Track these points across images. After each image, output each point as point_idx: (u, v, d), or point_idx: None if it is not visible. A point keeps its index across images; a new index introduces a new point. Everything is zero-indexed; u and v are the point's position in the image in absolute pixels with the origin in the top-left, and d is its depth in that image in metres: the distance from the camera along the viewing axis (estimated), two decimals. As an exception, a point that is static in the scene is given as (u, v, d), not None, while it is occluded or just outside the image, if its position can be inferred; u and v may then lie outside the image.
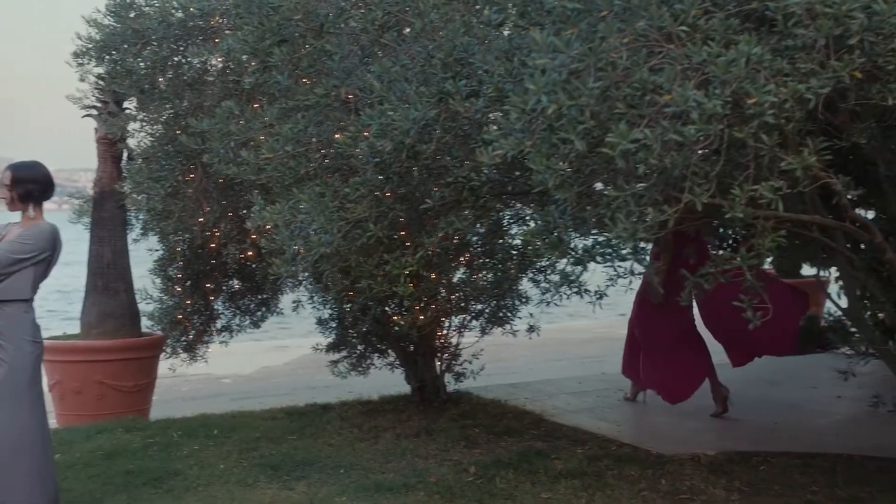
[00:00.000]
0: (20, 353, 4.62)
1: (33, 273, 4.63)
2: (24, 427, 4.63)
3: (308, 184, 4.27)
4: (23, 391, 4.63)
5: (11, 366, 4.60)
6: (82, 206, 8.82)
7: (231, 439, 6.73)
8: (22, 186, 4.68)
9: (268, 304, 8.78)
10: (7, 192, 4.69)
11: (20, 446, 4.60)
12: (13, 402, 4.61)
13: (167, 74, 6.41)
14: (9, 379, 4.59)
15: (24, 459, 4.60)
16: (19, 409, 4.62)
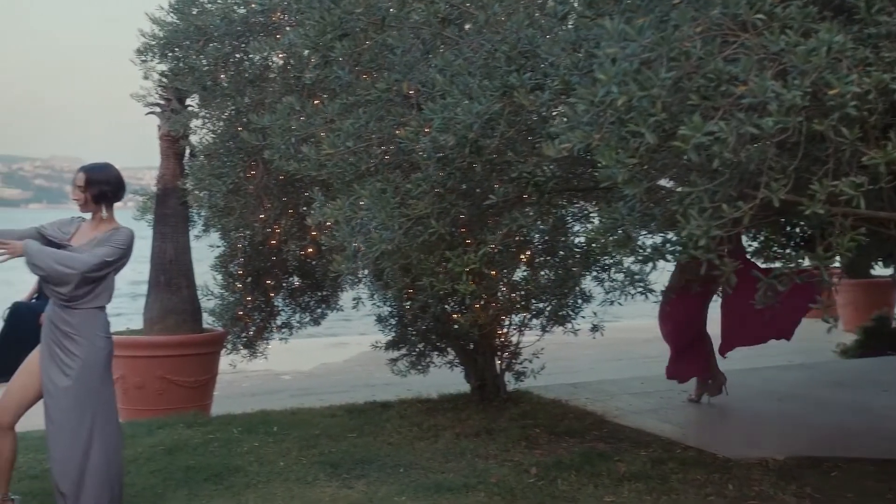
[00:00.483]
0: (93, 348, 4.66)
1: (113, 277, 4.73)
2: (95, 421, 4.66)
3: (369, 180, 4.21)
4: (96, 386, 4.67)
5: (85, 361, 4.64)
6: (146, 203, 8.90)
7: (291, 436, 6.73)
8: (95, 188, 4.72)
9: (327, 302, 8.79)
10: (80, 194, 4.74)
11: (92, 440, 4.63)
12: (87, 396, 4.65)
13: (229, 71, 6.42)
14: (83, 374, 4.63)
15: (95, 453, 4.63)
16: (93, 404, 4.66)
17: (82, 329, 4.64)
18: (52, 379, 4.63)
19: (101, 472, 4.66)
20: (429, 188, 4.03)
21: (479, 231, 4.54)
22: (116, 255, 4.64)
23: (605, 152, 3.01)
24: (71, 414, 4.61)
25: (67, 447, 4.60)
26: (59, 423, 4.61)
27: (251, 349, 8.53)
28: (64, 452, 4.60)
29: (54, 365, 4.64)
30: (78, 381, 4.62)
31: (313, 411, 7.73)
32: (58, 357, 4.63)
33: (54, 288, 4.57)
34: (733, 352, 8.02)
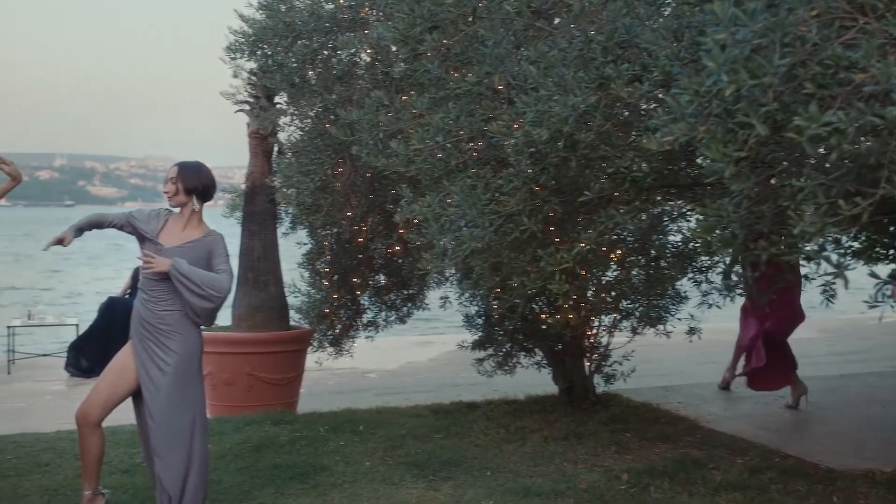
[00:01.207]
0: (189, 342, 4.69)
1: None
2: (190, 414, 4.67)
3: (459, 176, 4.10)
4: (192, 379, 4.69)
5: (181, 355, 4.66)
6: (234, 201, 8.98)
7: (376, 436, 6.67)
8: (188, 180, 4.77)
9: (414, 300, 8.71)
10: (171, 185, 4.77)
11: (194, 437, 4.64)
12: (186, 391, 4.66)
13: (317, 68, 6.39)
14: (180, 367, 4.65)
15: (196, 450, 4.64)
16: (192, 399, 4.67)
17: (177, 325, 4.66)
18: (150, 377, 4.64)
19: (202, 469, 4.67)
20: (520, 184, 3.89)
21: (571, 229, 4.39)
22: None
23: (711, 145, 2.83)
24: (173, 411, 4.62)
25: (172, 446, 4.62)
26: (160, 421, 4.63)
27: (337, 347, 8.51)
28: (168, 451, 4.62)
29: (151, 363, 4.65)
30: (175, 377, 4.64)
31: (399, 411, 7.67)
32: (155, 354, 4.65)
33: (197, 307, 4.59)
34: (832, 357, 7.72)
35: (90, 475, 4.79)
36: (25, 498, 5.27)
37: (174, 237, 4.77)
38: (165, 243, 4.74)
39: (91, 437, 4.74)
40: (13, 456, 6.10)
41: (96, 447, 4.76)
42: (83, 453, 4.77)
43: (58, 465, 5.90)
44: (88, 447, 4.75)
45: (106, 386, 4.74)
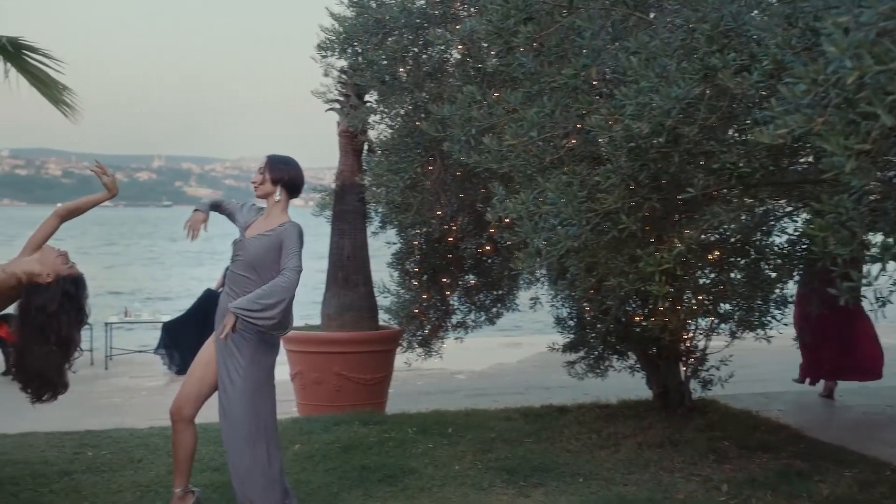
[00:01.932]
0: (261, 345, 4.63)
1: None
2: (260, 416, 4.63)
3: (554, 172, 3.95)
4: (263, 383, 4.65)
5: (253, 358, 4.61)
6: (324, 200, 8.98)
7: (465, 439, 6.55)
8: (277, 172, 4.73)
9: (503, 301, 8.58)
10: (259, 175, 4.74)
11: (253, 435, 4.60)
12: (255, 392, 4.62)
13: (407, 65, 6.30)
14: (251, 370, 4.61)
15: (251, 448, 4.59)
16: (259, 400, 4.63)
17: (251, 326, 4.61)
18: (227, 375, 4.63)
19: (269, 472, 4.61)
20: (618, 181, 3.72)
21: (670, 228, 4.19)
22: (301, 259, 4.58)
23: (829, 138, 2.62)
24: (243, 413, 4.59)
25: (238, 446, 4.59)
26: (230, 420, 4.61)
27: (426, 348, 8.42)
28: (234, 450, 4.60)
29: (228, 361, 4.63)
30: (246, 380, 4.60)
31: (488, 413, 7.54)
32: (231, 353, 4.63)
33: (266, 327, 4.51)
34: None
35: (181, 472, 4.80)
36: (118, 494, 5.31)
37: (255, 230, 4.73)
38: (248, 236, 4.72)
39: (184, 433, 4.75)
40: (108, 451, 6.18)
41: (188, 444, 4.77)
42: (175, 450, 4.78)
43: (150, 461, 5.94)
44: (181, 443, 4.76)
45: (195, 380, 4.74)
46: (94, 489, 5.37)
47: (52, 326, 4.35)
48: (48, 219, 4.58)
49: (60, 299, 4.36)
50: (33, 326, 4.33)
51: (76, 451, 6.15)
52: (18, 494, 5.27)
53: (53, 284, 4.36)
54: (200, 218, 4.76)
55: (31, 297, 4.34)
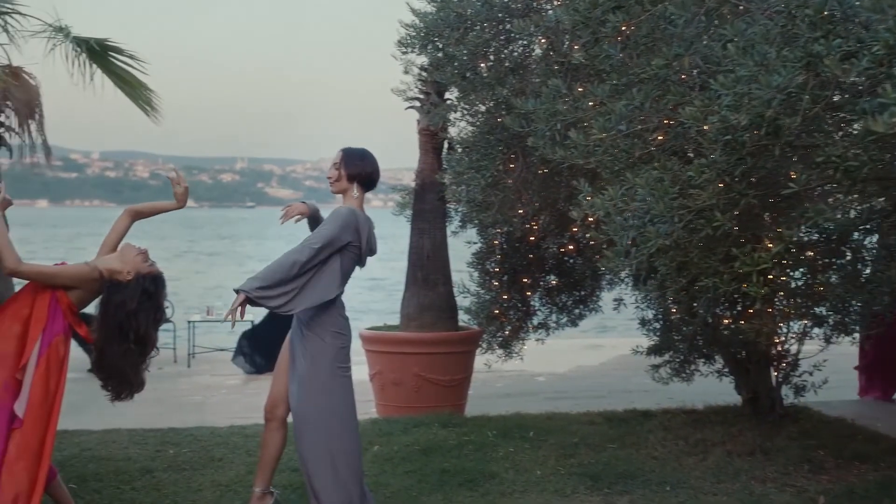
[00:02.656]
0: (322, 344, 4.54)
1: (340, 266, 4.52)
2: (322, 417, 4.54)
3: (643, 167, 3.77)
4: (325, 382, 4.55)
5: (314, 357, 4.53)
6: (404, 199, 8.90)
7: (547, 443, 6.39)
8: (352, 167, 4.64)
9: (585, 302, 8.39)
10: (335, 171, 4.67)
11: (323, 437, 4.52)
12: (318, 392, 4.54)
13: (489, 60, 6.17)
14: (312, 370, 4.53)
15: (327, 449, 4.51)
16: (322, 399, 4.54)
17: (312, 324, 4.54)
18: (295, 371, 4.57)
19: (338, 471, 4.52)
20: (713, 176, 3.53)
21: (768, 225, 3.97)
22: (324, 240, 4.42)
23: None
24: (305, 411, 4.52)
25: (303, 443, 4.52)
26: (298, 417, 4.55)
27: (506, 349, 8.28)
28: (300, 447, 4.54)
29: (294, 359, 4.58)
30: (307, 379, 4.53)
31: (570, 417, 7.37)
32: (297, 352, 4.57)
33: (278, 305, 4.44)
34: None
35: (264, 473, 4.75)
36: (198, 493, 5.30)
37: None
38: None
39: (276, 433, 4.70)
40: (189, 449, 6.19)
41: (277, 445, 4.72)
42: (263, 449, 4.74)
43: (230, 460, 5.93)
44: (270, 443, 4.71)
45: (281, 381, 4.69)
46: (175, 487, 5.38)
47: (131, 324, 4.33)
48: (120, 219, 4.58)
49: (139, 298, 4.35)
50: (112, 324, 4.33)
51: (158, 449, 6.18)
52: (101, 491, 5.30)
53: (133, 282, 4.35)
54: (300, 208, 4.75)
55: (110, 295, 4.34)
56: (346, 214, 4.51)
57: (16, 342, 4.13)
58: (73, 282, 4.27)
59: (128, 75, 7.61)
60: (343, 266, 4.51)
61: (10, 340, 4.12)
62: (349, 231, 4.48)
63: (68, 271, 4.30)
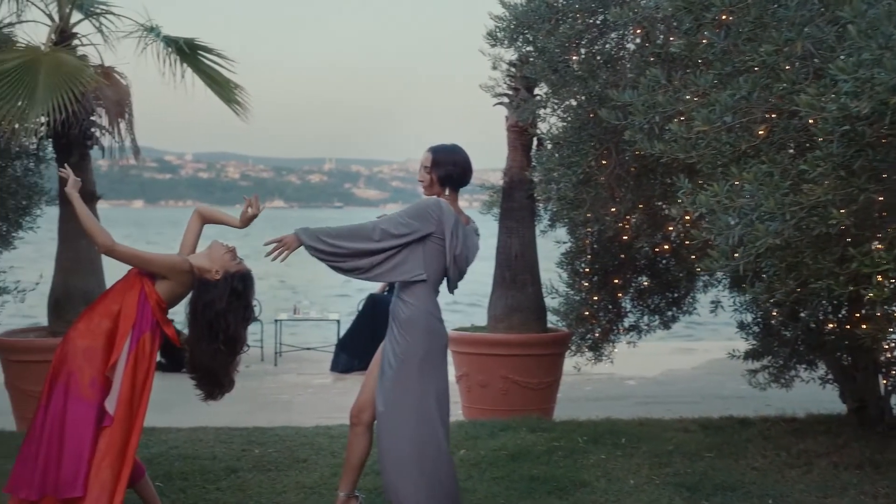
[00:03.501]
0: (412, 344, 4.40)
1: (422, 252, 4.37)
2: (406, 420, 4.40)
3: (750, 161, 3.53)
4: (413, 385, 4.40)
5: (404, 357, 4.40)
6: (492, 198, 8.75)
7: (640, 450, 6.14)
8: (441, 168, 4.47)
9: (679, 304, 8.09)
10: (426, 175, 4.51)
11: (407, 440, 4.37)
12: (403, 394, 4.40)
13: (580, 53, 5.96)
14: (402, 370, 4.39)
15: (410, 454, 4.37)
16: (409, 402, 4.40)
17: (406, 324, 4.40)
18: (383, 370, 4.44)
19: (422, 475, 4.36)
20: (829, 169, 3.27)
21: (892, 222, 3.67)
22: (403, 229, 4.30)
23: None
24: (389, 413, 4.39)
25: (387, 445, 4.39)
26: (382, 418, 4.42)
27: (596, 352, 8.04)
28: (385, 451, 4.40)
29: (384, 360, 4.45)
30: (394, 380, 4.39)
31: (663, 423, 7.09)
32: (386, 354, 4.44)
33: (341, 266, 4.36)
34: None
35: (349, 476, 4.64)
36: (282, 494, 5.22)
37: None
38: None
39: (361, 437, 4.58)
40: (274, 449, 6.13)
41: (362, 449, 4.59)
42: (349, 452, 4.63)
43: (315, 462, 5.85)
44: (355, 447, 4.59)
45: (371, 385, 4.58)
46: (259, 488, 5.31)
47: (220, 324, 4.27)
48: (192, 220, 4.51)
49: (228, 297, 4.28)
50: (202, 324, 4.27)
51: (244, 448, 6.14)
52: (187, 490, 5.26)
53: (221, 281, 4.28)
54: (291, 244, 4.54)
55: (199, 294, 4.28)
56: (426, 203, 4.39)
57: (105, 338, 4.10)
58: (165, 270, 4.22)
59: (217, 74, 7.65)
60: (426, 257, 4.36)
61: (100, 336, 4.10)
62: (428, 222, 4.34)
63: (162, 258, 4.26)
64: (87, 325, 4.12)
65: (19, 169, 7.44)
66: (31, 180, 7.45)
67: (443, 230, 4.35)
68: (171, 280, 4.24)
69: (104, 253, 4.22)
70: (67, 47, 7.17)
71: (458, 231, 4.40)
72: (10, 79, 6.45)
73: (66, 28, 7.33)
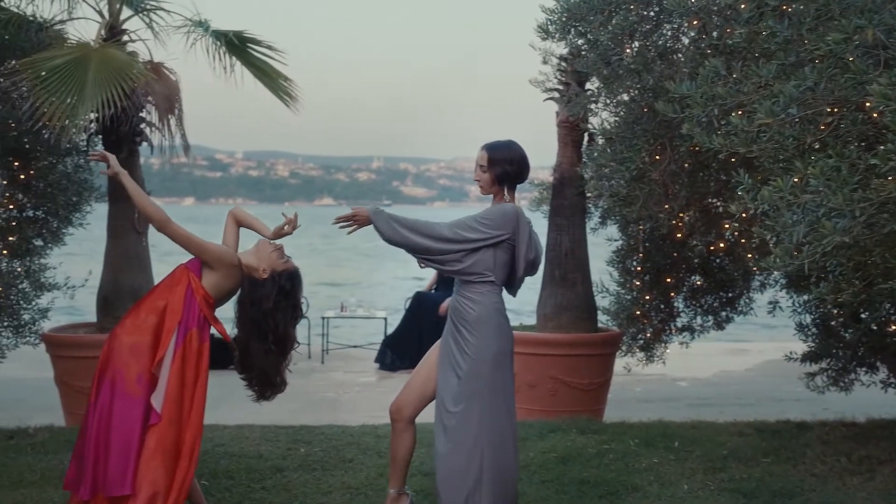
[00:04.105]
0: (483, 345, 4.29)
1: (493, 255, 4.29)
2: (483, 427, 4.28)
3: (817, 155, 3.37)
4: (482, 388, 4.30)
5: (476, 359, 4.29)
6: (541, 195, 8.62)
7: (694, 454, 5.98)
8: (497, 167, 4.36)
9: (733, 304, 7.90)
10: (482, 174, 4.40)
11: (479, 450, 4.26)
12: (473, 399, 4.29)
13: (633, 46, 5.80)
14: (472, 373, 4.28)
15: (485, 465, 4.26)
16: (479, 408, 4.29)
17: (477, 324, 4.28)
18: (444, 377, 4.33)
19: (491, 486, 4.26)
20: (902, 163, 3.09)
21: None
22: (481, 234, 4.21)
23: None
24: (458, 418, 4.28)
25: (453, 456, 4.27)
26: (447, 426, 4.30)
27: (648, 352, 7.88)
28: (448, 460, 4.28)
29: (448, 363, 4.33)
30: (464, 383, 4.28)
31: (717, 426, 6.91)
32: (453, 352, 4.33)
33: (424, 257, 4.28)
34: None
35: (397, 473, 4.55)
36: (328, 495, 5.15)
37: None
38: None
39: (404, 433, 4.49)
40: (320, 448, 6.07)
41: (407, 445, 4.50)
42: (393, 450, 4.54)
43: (361, 461, 5.77)
44: (399, 444, 4.51)
45: (419, 381, 4.48)
46: (305, 488, 5.24)
47: (269, 324, 4.21)
48: (229, 222, 4.45)
49: (276, 296, 4.22)
50: (250, 323, 4.22)
51: (289, 447, 6.08)
52: (232, 489, 5.21)
53: (269, 280, 4.22)
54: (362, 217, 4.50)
55: (247, 293, 4.22)
56: (512, 211, 4.29)
57: (151, 334, 4.05)
58: (214, 259, 4.15)
59: (267, 67, 7.61)
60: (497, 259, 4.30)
61: (146, 333, 4.05)
62: (510, 227, 4.27)
63: (213, 247, 4.19)
64: (134, 322, 4.07)
65: (70, 165, 7.46)
66: (81, 177, 7.46)
67: (517, 237, 4.29)
68: (218, 272, 4.17)
69: (158, 229, 4.12)
70: (117, 43, 7.17)
71: (532, 238, 4.36)
72: (59, 75, 6.46)
73: (116, 24, 7.34)
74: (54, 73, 6.44)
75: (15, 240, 7.06)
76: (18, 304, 7.12)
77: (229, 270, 4.20)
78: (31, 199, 7.23)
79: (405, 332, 10.32)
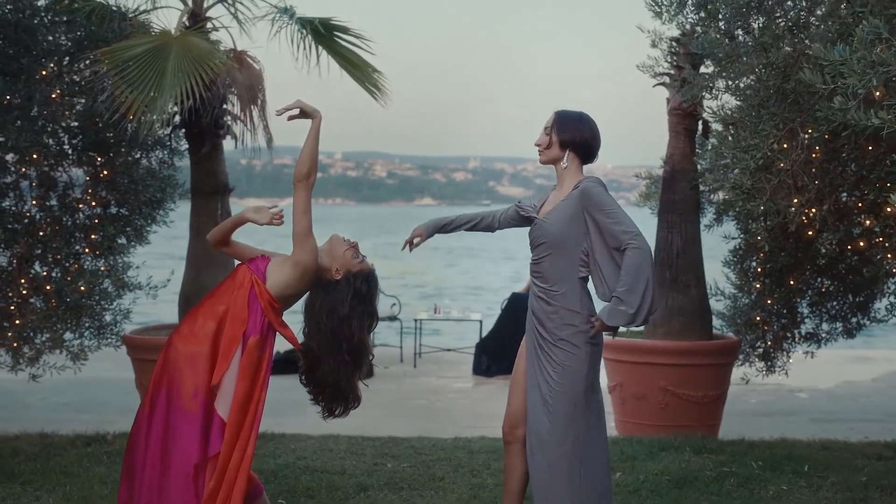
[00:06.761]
0: (576, 352, 3.81)
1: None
2: (578, 444, 3.80)
3: None
4: (578, 397, 3.79)
5: (565, 368, 3.78)
6: (648, 189, 7.99)
7: (828, 481, 5.29)
8: (566, 133, 3.95)
9: (865, 309, 7.13)
10: (545, 136, 3.98)
11: (565, 460, 3.79)
12: (570, 412, 3.78)
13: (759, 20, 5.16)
14: (565, 384, 3.77)
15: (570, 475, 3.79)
16: (577, 422, 3.79)
17: (562, 328, 3.81)
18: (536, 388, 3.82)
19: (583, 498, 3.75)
20: None
21: None
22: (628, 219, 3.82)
23: None
24: (553, 434, 3.80)
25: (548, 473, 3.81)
26: (537, 439, 3.84)
27: (768, 361, 7.17)
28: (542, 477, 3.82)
29: (539, 370, 3.83)
30: (559, 394, 3.79)
31: (850, 447, 6.19)
32: (541, 362, 3.83)
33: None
34: None
35: (511, 501, 4.04)
36: (416, 519, 4.68)
37: (550, 204, 4.01)
38: (541, 216, 3.99)
39: (518, 456, 4.00)
40: (408, 464, 5.59)
41: (522, 469, 3.99)
42: (507, 475, 4.06)
43: (451, 480, 5.27)
44: (513, 468, 4.02)
45: (519, 395, 3.98)
46: (392, 510, 4.78)
47: (344, 333, 3.72)
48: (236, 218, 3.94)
49: (351, 300, 3.73)
50: (324, 332, 3.73)
51: (376, 462, 5.62)
52: (311, 509, 4.78)
53: (343, 282, 3.74)
54: (417, 232, 4.20)
55: (318, 297, 3.75)
56: (602, 186, 3.90)
57: (210, 343, 3.60)
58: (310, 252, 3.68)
59: (354, 56, 7.18)
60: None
61: (204, 341, 3.60)
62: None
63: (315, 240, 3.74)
64: (191, 328, 3.63)
65: (154, 161, 7.17)
66: (164, 172, 7.17)
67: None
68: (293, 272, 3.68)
69: (297, 180, 3.72)
70: (199, 31, 6.85)
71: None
72: (139, 63, 6.16)
73: (200, 12, 7.03)
74: (133, 62, 6.14)
75: (98, 238, 6.79)
76: (100, 304, 6.86)
77: (307, 275, 3.72)
78: (115, 195, 6.96)
79: (501, 334, 9.83)
